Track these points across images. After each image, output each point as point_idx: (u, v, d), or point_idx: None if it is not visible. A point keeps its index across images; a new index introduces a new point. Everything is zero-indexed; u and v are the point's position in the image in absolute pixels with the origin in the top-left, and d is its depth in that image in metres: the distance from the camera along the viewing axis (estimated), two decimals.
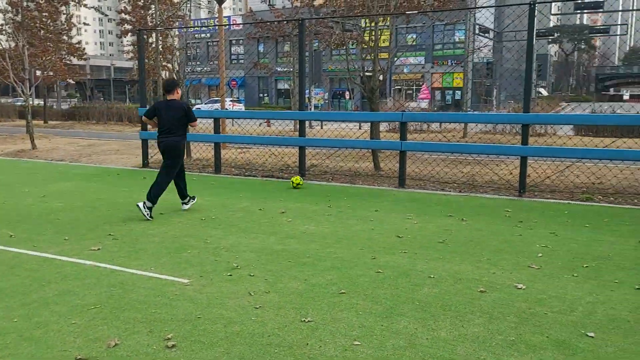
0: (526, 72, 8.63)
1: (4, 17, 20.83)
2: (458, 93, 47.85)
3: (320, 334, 3.56)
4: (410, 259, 5.20)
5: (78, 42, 30.51)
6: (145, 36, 20.03)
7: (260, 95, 56.62)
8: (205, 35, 56.90)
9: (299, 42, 10.42)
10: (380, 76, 11.18)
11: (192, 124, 7.44)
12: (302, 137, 10.60)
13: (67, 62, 29.82)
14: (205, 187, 9.50)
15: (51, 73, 27.63)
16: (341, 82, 50.49)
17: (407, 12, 10.01)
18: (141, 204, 6.97)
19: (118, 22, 27.88)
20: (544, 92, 55.89)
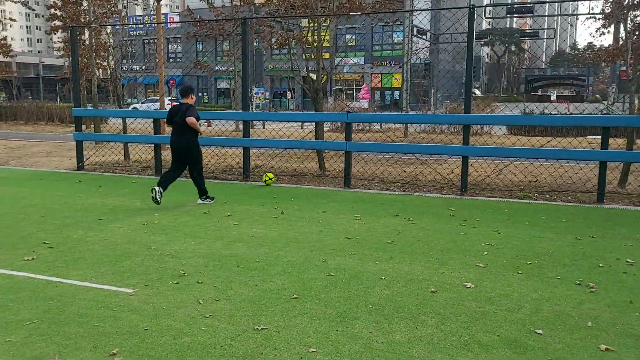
0: (467, 74, 8.85)
1: None
2: (397, 93, 48.82)
3: (274, 342, 3.47)
4: (360, 261, 5.20)
5: (3, 38, 28.80)
6: (78, 33, 19.17)
7: (200, 94, 55.55)
8: (141, 33, 55.24)
9: (242, 41, 10.25)
10: (324, 76, 11.18)
11: (188, 120, 7.66)
12: (247, 138, 10.43)
13: None
14: (145, 190, 9.14)
15: None
16: (282, 82, 50.35)
17: (350, 13, 10.06)
18: (200, 200, 7.98)
19: (48, 17, 26.48)
20: (478, 92, 57.90)
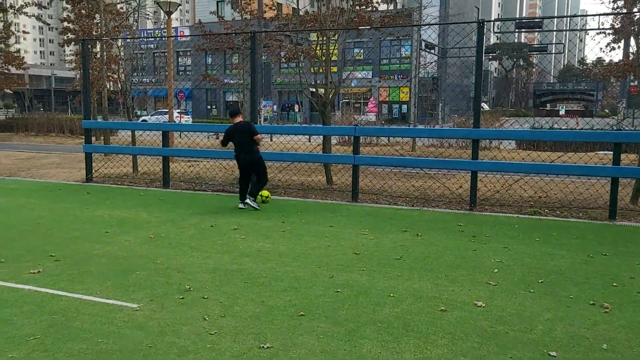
0: (476, 88, 8.80)
1: None
2: (404, 107, 48.85)
3: None
4: (369, 277, 5.12)
5: (16, 50, 29.15)
6: (89, 46, 19.36)
7: (209, 107, 55.86)
8: (151, 46, 55.76)
9: (251, 55, 10.27)
10: (332, 90, 11.17)
11: (255, 138, 8.52)
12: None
13: (5, 71, 28.41)
14: (153, 202, 9.14)
15: None
16: (290, 95, 50.52)
17: (359, 27, 10.07)
18: (249, 201, 8.38)
19: (61, 31, 26.80)
20: (486, 106, 57.86)
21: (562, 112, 62.56)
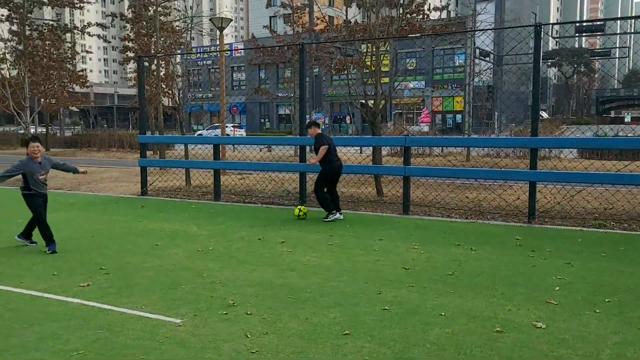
0: (533, 95, 8.40)
1: (5, 45, 20.85)
2: (459, 116, 47.87)
3: None
4: (418, 294, 4.88)
5: (81, 70, 30.57)
6: (147, 63, 20.01)
7: (262, 120, 56.73)
8: (207, 62, 57.35)
9: (300, 67, 10.25)
10: (382, 100, 10.98)
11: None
12: (303, 163, 10.35)
13: (70, 90, 29.84)
14: (203, 215, 9.21)
15: (53, 101, 27.61)
16: (341, 107, 50.58)
17: (410, 36, 9.86)
18: (334, 216, 8.54)
19: (121, 49, 27.93)
20: (545, 114, 55.93)
21: (627, 119, 59.63)
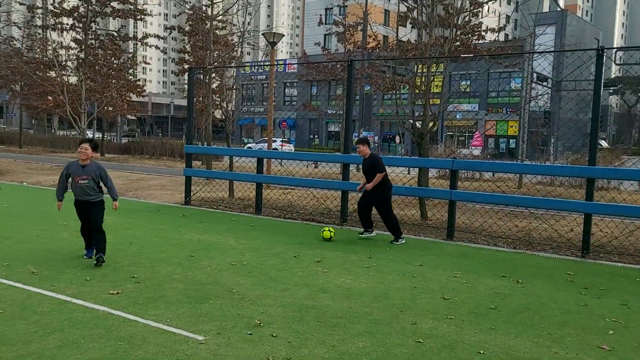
0: (592, 122, 7.92)
1: (66, 53, 21.76)
2: (512, 141, 46.60)
3: None
4: (456, 328, 4.56)
5: (137, 79, 31.60)
6: (201, 75, 20.43)
7: (311, 136, 57.01)
8: (260, 77, 58.34)
9: (347, 82, 10.10)
10: (432, 122, 10.66)
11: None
12: (346, 181, 10.14)
13: (127, 98, 30.86)
14: (242, 228, 9.13)
15: (110, 108, 28.58)
16: (392, 126, 50.21)
17: (462, 56, 9.57)
18: (402, 240, 8.26)
19: (177, 61, 28.71)
20: (604, 143, 53.73)
21: None
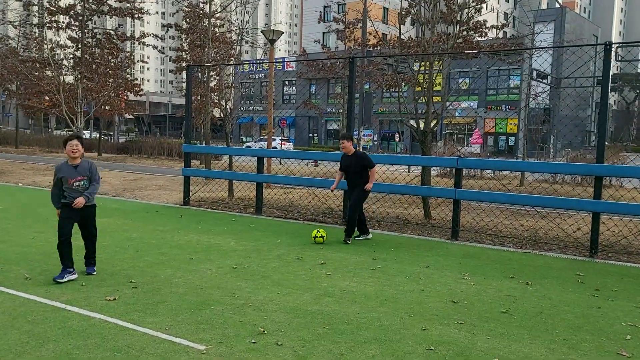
0: (599, 120, 7.74)
1: (62, 51, 21.51)
2: (512, 139, 46.48)
3: None
4: (468, 333, 4.37)
5: (134, 78, 31.35)
6: (199, 74, 20.20)
7: (310, 135, 56.79)
8: (259, 76, 58.09)
9: (349, 80, 9.90)
10: (435, 120, 10.48)
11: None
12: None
13: (125, 97, 30.62)
14: (242, 229, 8.93)
15: (107, 107, 28.34)
16: (391, 124, 50.02)
17: (467, 52, 9.38)
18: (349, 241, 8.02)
19: (174, 59, 28.47)
20: None
21: None
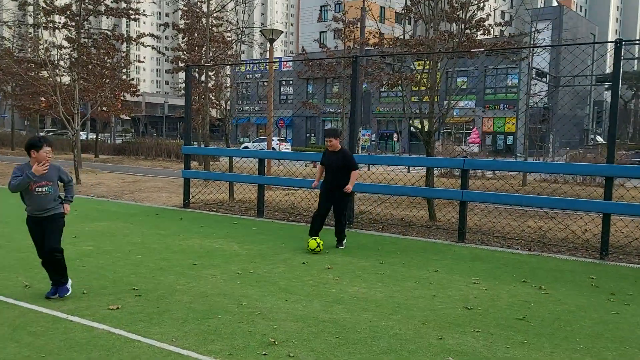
0: (610, 118, 7.60)
1: (58, 52, 21.23)
2: (510, 138, 46.39)
3: None
4: (486, 342, 4.22)
5: (132, 79, 31.11)
6: (197, 74, 20.00)
7: (308, 135, 56.60)
8: (256, 76, 57.88)
9: (352, 80, 9.75)
10: (440, 119, 10.33)
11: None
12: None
13: (121, 98, 30.35)
14: (245, 232, 8.76)
15: (104, 108, 28.09)
16: (389, 124, 49.86)
17: (472, 51, 9.23)
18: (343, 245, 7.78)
19: (172, 59, 28.24)
20: (600, 139, 53.60)
21: None
